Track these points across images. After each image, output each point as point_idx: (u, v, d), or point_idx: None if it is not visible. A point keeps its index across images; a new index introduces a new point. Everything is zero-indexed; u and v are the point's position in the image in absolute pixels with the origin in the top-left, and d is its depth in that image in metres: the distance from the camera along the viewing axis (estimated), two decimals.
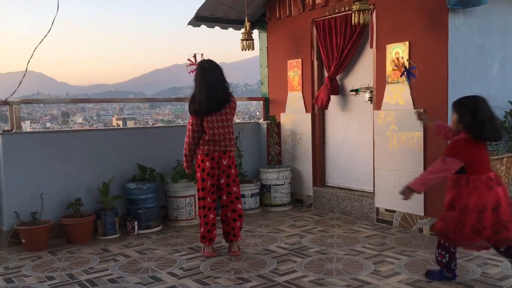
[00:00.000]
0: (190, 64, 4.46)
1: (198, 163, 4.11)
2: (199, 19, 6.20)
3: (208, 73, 3.98)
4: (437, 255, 3.29)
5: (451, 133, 3.35)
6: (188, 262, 3.91)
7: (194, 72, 4.14)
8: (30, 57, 4.16)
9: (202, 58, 4.26)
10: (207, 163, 4.03)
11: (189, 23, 6.32)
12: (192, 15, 6.22)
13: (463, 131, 3.15)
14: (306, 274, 3.53)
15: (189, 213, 5.26)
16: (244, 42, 5.77)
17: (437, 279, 3.32)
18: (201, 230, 4.11)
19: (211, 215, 4.07)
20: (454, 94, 4.32)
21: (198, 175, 4.09)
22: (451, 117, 3.28)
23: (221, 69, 4.05)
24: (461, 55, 4.37)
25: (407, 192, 3.22)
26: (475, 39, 4.47)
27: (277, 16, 6.19)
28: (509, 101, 4.67)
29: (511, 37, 4.77)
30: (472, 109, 3.11)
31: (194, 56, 4.49)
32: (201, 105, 3.93)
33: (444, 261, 3.26)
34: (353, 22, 4.47)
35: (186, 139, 4.08)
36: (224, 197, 4.11)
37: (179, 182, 5.18)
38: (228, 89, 4.06)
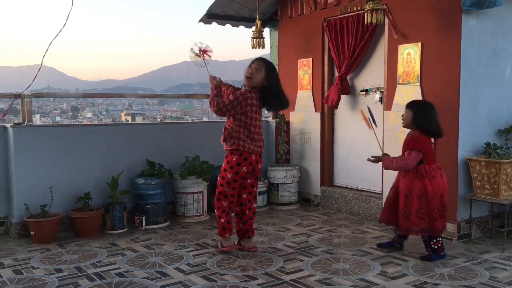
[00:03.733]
0: (202, 54, 4.21)
1: (232, 164, 3.93)
2: (210, 16, 6.22)
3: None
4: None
5: (397, 159, 3.92)
6: (195, 258, 3.92)
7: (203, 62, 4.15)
8: (45, 52, 4.19)
9: (204, 49, 4.17)
10: (244, 168, 3.92)
11: (201, 20, 6.34)
12: (203, 12, 6.24)
13: (414, 128, 3.87)
14: (312, 273, 3.52)
15: (197, 210, 5.27)
16: (255, 40, 5.77)
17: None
18: (222, 221, 4.02)
19: (231, 209, 4.08)
20: (465, 96, 4.29)
21: (230, 176, 3.94)
22: (405, 114, 3.91)
23: None
24: (474, 57, 4.33)
25: (377, 162, 4.10)
26: (488, 41, 4.43)
27: (289, 14, 6.18)
28: None
29: None
30: (426, 113, 3.82)
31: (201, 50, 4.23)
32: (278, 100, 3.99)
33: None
34: (365, 22, 4.46)
35: (220, 105, 3.86)
36: (244, 196, 4.09)
37: (187, 178, 5.19)
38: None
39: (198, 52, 4.19)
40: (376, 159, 4.08)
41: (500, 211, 4.49)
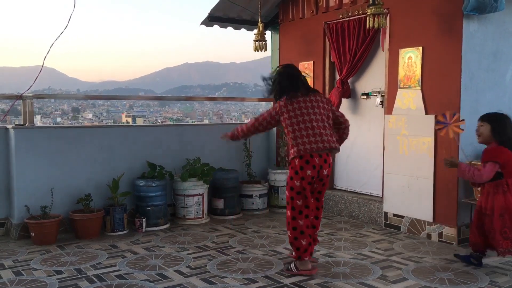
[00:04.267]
0: None
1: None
2: (212, 19, 6.23)
3: None
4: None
5: (473, 169, 3.63)
6: (195, 261, 3.92)
7: None
8: (47, 53, 4.20)
9: None
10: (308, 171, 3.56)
11: (202, 23, 6.35)
12: (205, 13, 6.25)
13: (493, 141, 3.60)
14: (312, 277, 3.52)
15: (197, 212, 5.27)
16: (257, 42, 5.78)
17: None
18: (303, 243, 3.54)
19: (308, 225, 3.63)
20: (466, 100, 4.30)
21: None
22: (480, 127, 3.69)
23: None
24: (475, 62, 4.34)
25: (451, 166, 3.79)
26: (489, 45, 4.44)
27: (290, 17, 6.19)
28: None
29: None
30: (505, 124, 3.60)
31: None
32: None
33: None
34: (367, 26, 4.46)
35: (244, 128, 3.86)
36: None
37: (188, 180, 5.20)
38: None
39: None
40: (451, 163, 3.75)
41: None
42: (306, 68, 5.98)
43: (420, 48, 4.58)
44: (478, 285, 3.35)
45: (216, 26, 6.48)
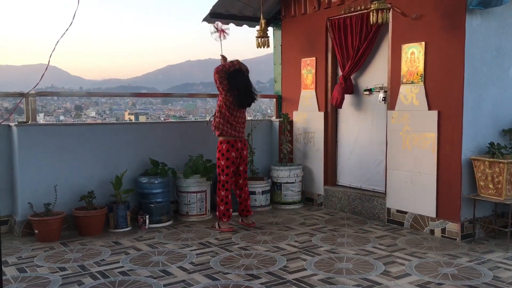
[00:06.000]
0: (217, 31, 5.21)
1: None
2: (214, 16, 6.21)
3: None
4: None
5: None
6: (198, 257, 3.93)
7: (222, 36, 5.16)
8: (52, 51, 4.20)
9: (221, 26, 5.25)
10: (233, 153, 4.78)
11: (204, 20, 6.33)
12: (207, 11, 6.23)
13: None
14: (315, 273, 3.52)
15: (200, 209, 5.28)
16: (259, 39, 5.76)
17: None
18: (223, 208, 4.77)
19: (230, 196, 4.86)
20: (469, 95, 4.29)
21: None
22: None
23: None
24: (478, 57, 4.32)
25: None
26: (492, 40, 4.42)
27: (292, 14, 6.18)
28: None
29: None
30: None
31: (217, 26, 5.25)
32: None
33: None
34: (371, 22, 4.45)
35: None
36: (241, 181, 4.93)
37: (191, 177, 5.20)
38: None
39: (216, 28, 5.20)
40: None
41: (504, 211, 4.48)
42: (308, 64, 5.97)
43: (423, 43, 4.56)
44: (481, 280, 3.35)
45: (228, 26, 6.46)
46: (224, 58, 5.02)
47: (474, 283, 3.30)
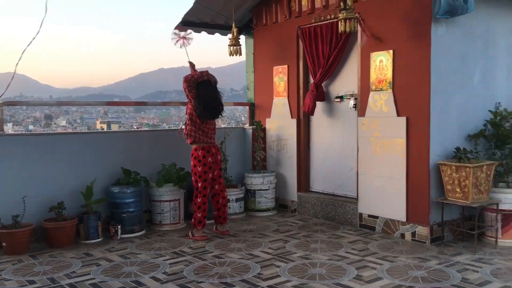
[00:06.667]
0: (178, 38, 5.18)
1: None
2: (186, 24, 6.21)
3: None
4: None
5: None
6: (171, 267, 3.90)
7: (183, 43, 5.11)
8: (19, 60, 4.13)
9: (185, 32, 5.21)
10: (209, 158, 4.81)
11: (176, 28, 6.32)
12: (179, 19, 6.23)
13: None
14: (289, 279, 3.54)
15: (173, 217, 5.24)
16: (232, 47, 5.80)
17: None
18: (199, 215, 4.77)
19: (207, 203, 4.87)
20: (436, 102, 4.41)
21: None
22: None
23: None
24: (443, 64, 4.45)
25: None
26: (457, 48, 4.56)
27: (264, 22, 6.24)
28: (489, 111, 4.76)
29: (492, 47, 4.87)
30: None
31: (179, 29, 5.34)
32: None
33: None
34: (339, 30, 4.53)
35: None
36: (216, 187, 4.94)
37: (164, 186, 5.16)
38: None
39: (177, 36, 5.16)
40: None
41: (471, 214, 4.60)
42: (280, 72, 6.03)
43: (391, 51, 4.68)
44: (450, 283, 3.43)
45: (190, 31, 6.45)
46: (192, 65, 5.00)
47: (443, 285, 3.38)
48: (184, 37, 5.17)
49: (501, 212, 4.36)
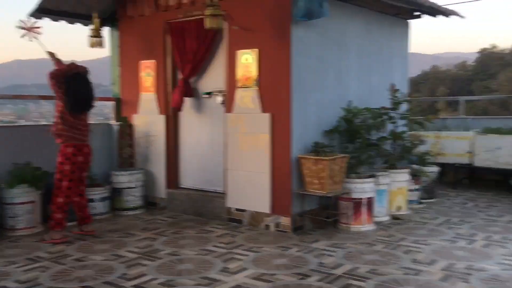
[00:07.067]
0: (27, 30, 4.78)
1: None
2: (42, 12, 5.71)
3: None
4: None
5: None
6: (26, 274, 3.57)
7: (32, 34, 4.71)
8: None
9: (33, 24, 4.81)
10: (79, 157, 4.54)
11: (31, 16, 5.78)
12: (33, 5, 5.70)
13: None
14: (156, 277, 3.48)
15: (28, 221, 4.80)
16: (93, 38, 5.48)
17: None
18: (59, 216, 4.46)
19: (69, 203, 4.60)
20: (296, 100, 4.69)
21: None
22: None
23: None
24: (303, 65, 4.75)
25: None
26: (315, 50, 4.90)
27: (129, 14, 6.02)
28: (342, 108, 5.21)
29: (345, 51, 5.34)
30: None
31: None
32: None
33: None
34: (205, 26, 4.56)
35: None
36: (81, 187, 4.69)
37: (17, 187, 4.70)
38: None
39: (23, 27, 4.76)
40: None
41: (328, 203, 4.99)
42: (148, 67, 5.88)
43: (256, 50, 4.85)
44: (308, 267, 3.68)
45: (47, 19, 5.96)
46: (51, 54, 4.71)
47: (302, 270, 3.62)
48: (31, 28, 4.78)
49: (353, 200, 4.81)
